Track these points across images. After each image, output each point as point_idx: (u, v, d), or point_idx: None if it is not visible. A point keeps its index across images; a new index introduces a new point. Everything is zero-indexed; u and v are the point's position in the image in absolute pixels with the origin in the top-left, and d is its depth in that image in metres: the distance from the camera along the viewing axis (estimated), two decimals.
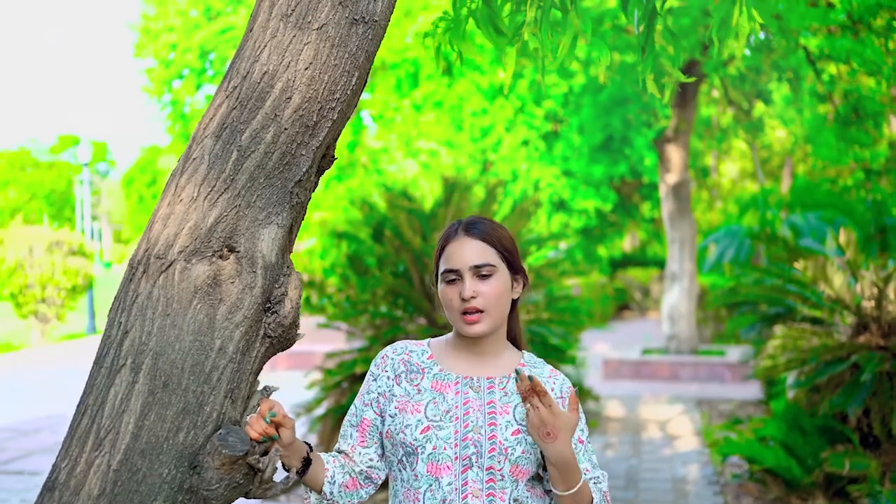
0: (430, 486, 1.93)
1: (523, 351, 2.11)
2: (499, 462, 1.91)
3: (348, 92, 1.96)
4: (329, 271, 6.92)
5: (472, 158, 19.00)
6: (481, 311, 1.95)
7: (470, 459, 1.92)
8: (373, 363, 2.07)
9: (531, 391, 1.84)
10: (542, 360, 2.10)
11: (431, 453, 1.92)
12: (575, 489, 1.87)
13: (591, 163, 18.34)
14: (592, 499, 1.92)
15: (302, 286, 2.00)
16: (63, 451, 1.86)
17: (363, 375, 6.01)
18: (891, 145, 14.02)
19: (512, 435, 1.94)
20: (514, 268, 2.03)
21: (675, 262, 12.68)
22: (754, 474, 6.31)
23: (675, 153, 12.51)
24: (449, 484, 1.91)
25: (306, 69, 1.90)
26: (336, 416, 6.27)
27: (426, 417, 1.95)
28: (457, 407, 1.96)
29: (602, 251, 23.22)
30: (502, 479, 1.92)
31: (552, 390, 2.00)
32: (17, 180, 58.18)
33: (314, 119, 1.92)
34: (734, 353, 12.23)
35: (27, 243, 14.94)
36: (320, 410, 6.70)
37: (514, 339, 2.12)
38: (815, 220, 14.97)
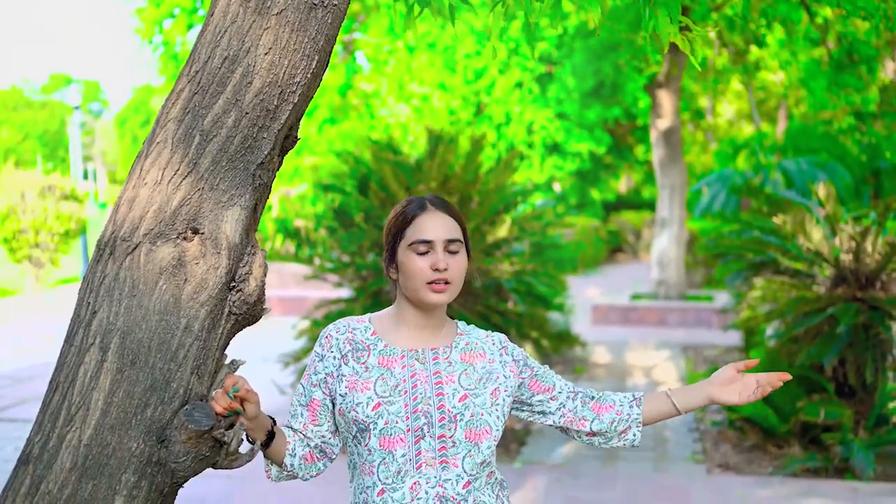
0: (384, 458, 2.00)
1: (456, 321, 2.19)
2: (449, 429, 2.00)
3: (308, 75, 1.99)
4: (318, 222, 6.96)
5: (466, 101, 18.90)
6: (448, 283, 2.03)
7: (422, 430, 2.00)
8: (317, 343, 2.12)
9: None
10: (472, 325, 2.19)
11: (384, 428, 2.00)
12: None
13: (585, 106, 18.26)
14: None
15: (266, 265, 2.05)
16: (36, 426, 1.94)
17: None
18: (882, 89, 13.98)
19: (459, 401, 2.02)
20: (468, 250, 2.12)
21: (665, 209, 12.74)
22: (733, 422, 6.46)
23: (666, 98, 12.48)
24: (403, 455, 1.99)
25: (266, 54, 1.94)
26: None
27: (376, 394, 2.02)
28: (405, 381, 2.03)
29: (596, 194, 23.22)
30: (455, 446, 2.00)
31: (493, 345, 2.13)
32: (10, 120, 57.79)
33: (275, 103, 1.97)
34: (722, 298, 12.35)
35: (19, 188, 14.93)
36: (308, 360, 6.81)
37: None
38: (807, 164, 14.99)
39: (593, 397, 2.19)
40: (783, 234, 6.14)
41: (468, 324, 2.20)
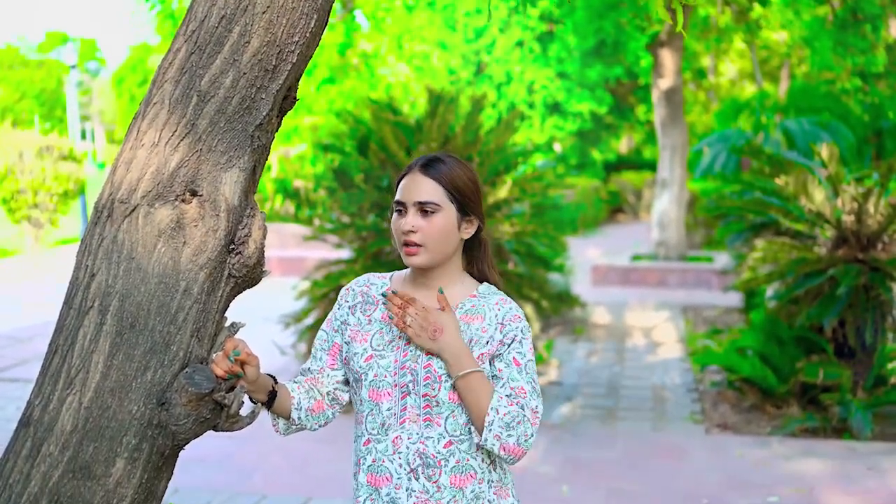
0: (371, 410, 2.05)
1: (480, 283, 2.15)
2: (433, 389, 2.00)
3: (307, 34, 1.96)
4: (318, 183, 6.93)
5: (466, 60, 18.76)
6: (420, 245, 2.02)
7: (407, 387, 2.02)
8: (340, 293, 2.19)
9: (403, 307, 2.00)
10: (496, 290, 2.13)
11: (373, 380, 2.04)
12: (463, 372, 1.96)
13: (586, 65, 18.10)
14: (490, 394, 1.97)
15: (265, 227, 2.04)
16: (36, 389, 1.93)
17: None
18: (889, 49, 13.85)
19: None
20: (465, 210, 2.07)
21: (666, 169, 12.69)
22: (732, 383, 6.48)
23: (668, 57, 12.37)
24: (388, 409, 2.03)
25: (264, 13, 1.90)
26: None
27: (371, 346, 2.07)
28: (399, 337, 2.06)
29: (596, 154, 23.12)
30: (438, 406, 2.00)
31: (495, 316, 2.05)
32: (6, 79, 57.36)
33: (273, 63, 1.93)
34: (722, 259, 12.36)
35: (17, 148, 14.83)
36: (309, 321, 6.82)
37: (482, 277, 2.17)
38: (808, 124, 14.88)
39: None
40: (785, 194, 6.11)
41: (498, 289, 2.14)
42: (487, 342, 2.03)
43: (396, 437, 2.01)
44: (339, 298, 2.18)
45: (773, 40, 21.91)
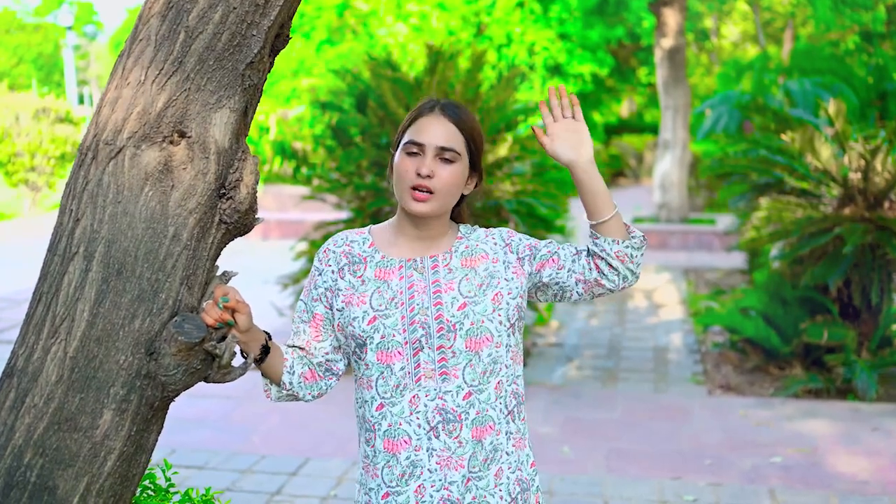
0: (382, 372, 1.94)
1: (458, 225, 2.06)
2: (448, 339, 1.92)
3: None
4: (318, 142, 6.84)
5: (465, 21, 18.51)
6: (431, 193, 1.92)
7: (420, 342, 1.93)
8: (315, 258, 2.06)
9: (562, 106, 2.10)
10: (471, 226, 2.06)
11: (380, 342, 1.94)
12: (612, 214, 1.97)
13: (588, 26, 17.89)
14: (627, 227, 1.99)
15: (259, 170, 1.95)
16: (20, 339, 1.86)
17: None
18: (890, 8, 13.64)
19: (458, 310, 1.93)
20: (474, 165, 2.00)
21: (669, 130, 12.56)
22: (735, 344, 6.43)
23: (671, 17, 12.20)
24: (402, 369, 1.93)
25: None
26: None
27: (371, 308, 1.95)
28: (401, 292, 1.96)
29: (598, 117, 22.92)
30: (454, 356, 1.92)
31: (495, 244, 2.01)
32: (3, 43, 56.84)
33: None
34: (724, 221, 12.27)
35: (13, 110, 14.67)
36: (308, 277, 6.75)
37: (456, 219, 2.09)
38: (811, 86, 14.71)
39: (583, 250, 2.01)
40: (790, 152, 6.01)
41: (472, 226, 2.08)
42: (507, 268, 1.98)
43: (413, 397, 1.93)
44: (316, 265, 2.04)
45: (776, 1, 21.64)
